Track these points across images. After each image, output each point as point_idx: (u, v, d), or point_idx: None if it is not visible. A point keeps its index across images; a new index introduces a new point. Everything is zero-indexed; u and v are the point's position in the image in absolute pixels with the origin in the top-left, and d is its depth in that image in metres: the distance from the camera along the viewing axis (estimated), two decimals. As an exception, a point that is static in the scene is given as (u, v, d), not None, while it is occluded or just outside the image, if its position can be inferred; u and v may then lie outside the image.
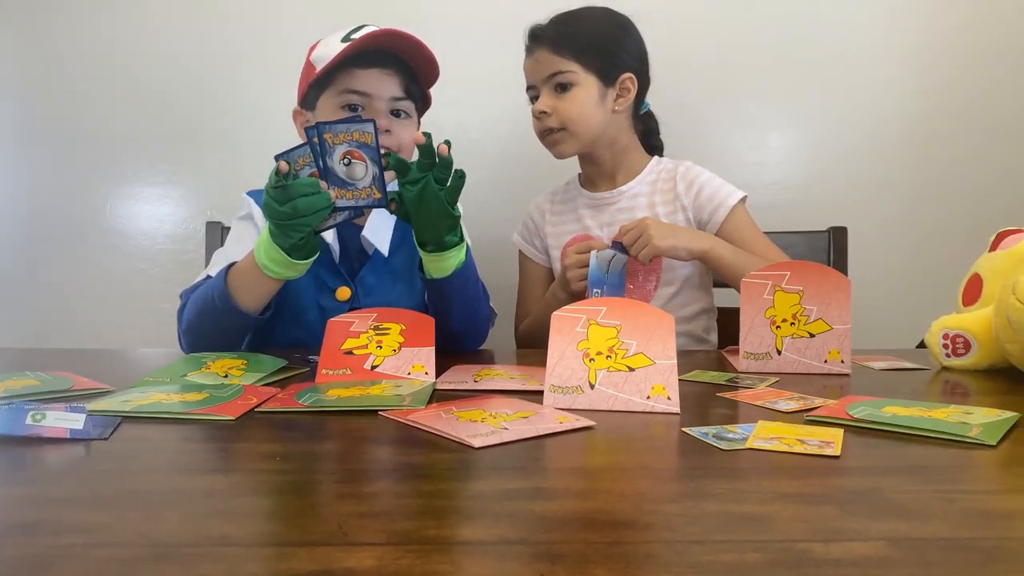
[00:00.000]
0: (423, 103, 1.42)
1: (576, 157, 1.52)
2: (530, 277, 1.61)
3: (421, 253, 1.19)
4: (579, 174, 1.59)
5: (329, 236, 1.35)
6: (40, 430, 0.71)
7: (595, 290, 1.32)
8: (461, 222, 1.19)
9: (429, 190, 1.10)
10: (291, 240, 1.10)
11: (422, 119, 1.44)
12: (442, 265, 1.19)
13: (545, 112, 1.42)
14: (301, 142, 1.09)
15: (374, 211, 1.38)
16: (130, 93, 1.91)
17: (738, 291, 1.20)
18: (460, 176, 1.12)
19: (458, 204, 1.15)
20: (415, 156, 1.12)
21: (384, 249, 1.38)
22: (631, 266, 1.39)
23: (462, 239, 1.20)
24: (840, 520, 0.51)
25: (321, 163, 1.08)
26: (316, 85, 1.35)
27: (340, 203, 1.10)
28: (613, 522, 0.51)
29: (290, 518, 0.52)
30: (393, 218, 1.43)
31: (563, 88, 1.41)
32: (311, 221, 1.09)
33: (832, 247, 1.68)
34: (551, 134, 1.44)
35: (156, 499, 0.57)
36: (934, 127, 1.91)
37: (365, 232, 1.37)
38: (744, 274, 1.20)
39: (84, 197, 1.93)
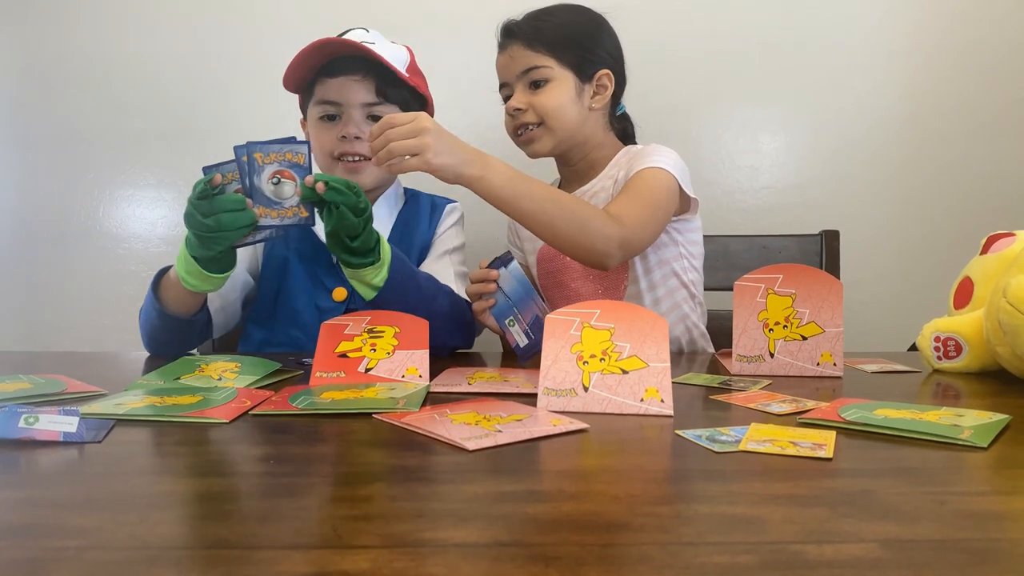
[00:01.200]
0: (416, 103, 1.39)
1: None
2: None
3: (344, 270, 1.17)
4: (557, 179, 1.56)
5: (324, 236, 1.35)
6: (33, 433, 0.71)
7: (506, 320, 1.16)
8: (381, 247, 1.15)
9: (336, 213, 1.08)
10: (209, 253, 1.10)
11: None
12: (368, 281, 1.16)
13: (520, 108, 1.38)
14: (230, 157, 1.08)
15: (373, 210, 1.37)
16: (123, 96, 1.91)
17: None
18: (365, 216, 1.10)
19: (371, 236, 1.12)
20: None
21: None
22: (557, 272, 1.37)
23: (373, 262, 1.15)
24: (832, 522, 0.51)
25: (247, 181, 1.07)
26: (304, 97, 1.39)
27: (265, 222, 1.09)
28: (607, 524, 0.52)
29: (284, 521, 0.52)
30: (391, 219, 1.43)
31: (538, 84, 1.38)
32: (232, 237, 1.09)
33: (824, 250, 1.69)
34: (526, 131, 1.40)
35: (150, 502, 0.57)
36: (925, 130, 1.92)
37: None
38: (518, 211, 1.13)
39: (77, 200, 1.92)
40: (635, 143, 1.52)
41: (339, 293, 1.35)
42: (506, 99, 1.44)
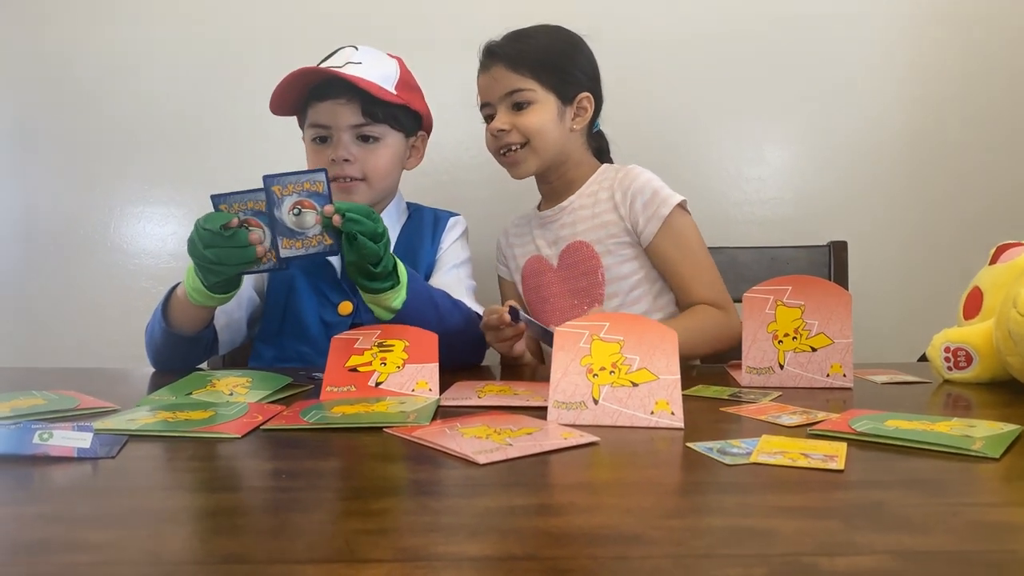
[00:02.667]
0: (411, 120, 1.41)
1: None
2: (506, 295, 1.61)
3: (362, 294, 1.19)
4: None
5: None
6: (47, 449, 0.71)
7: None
8: (398, 269, 1.17)
9: (355, 242, 1.08)
10: (208, 282, 1.13)
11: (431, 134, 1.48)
12: (383, 304, 1.17)
13: (504, 129, 1.39)
14: (242, 189, 1.10)
15: None
16: (134, 112, 1.92)
17: None
18: (383, 243, 1.11)
19: (389, 260, 1.14)
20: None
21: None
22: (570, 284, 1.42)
23: (396, 284, 1.16)
24: (845, 534, 0.51)
25: (270, 214, 1.08)
26: (300, 117, 1.42)
27: (290, 253, 1.09)
28: (619, 537, 0.52)
29: (297, 535, 0.52)
30: (395, 234, 1.44)
31: (520, 106, 1.40)
32: (229, 272, 1.11)
33: (832, 261, 1.69)
34: (510, 152, 1.41)
35: (163, 517, 0.57)
36: (934, 140, 1.92)
37: None
38: None
39: (88, 216, 1.94)
40: (610, 159, 1.55)
41: (345, 307, 1.36)
42: (487, 118, 1.46)
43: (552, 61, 1.41)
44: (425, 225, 1.49)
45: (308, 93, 1.36)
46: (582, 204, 1.46)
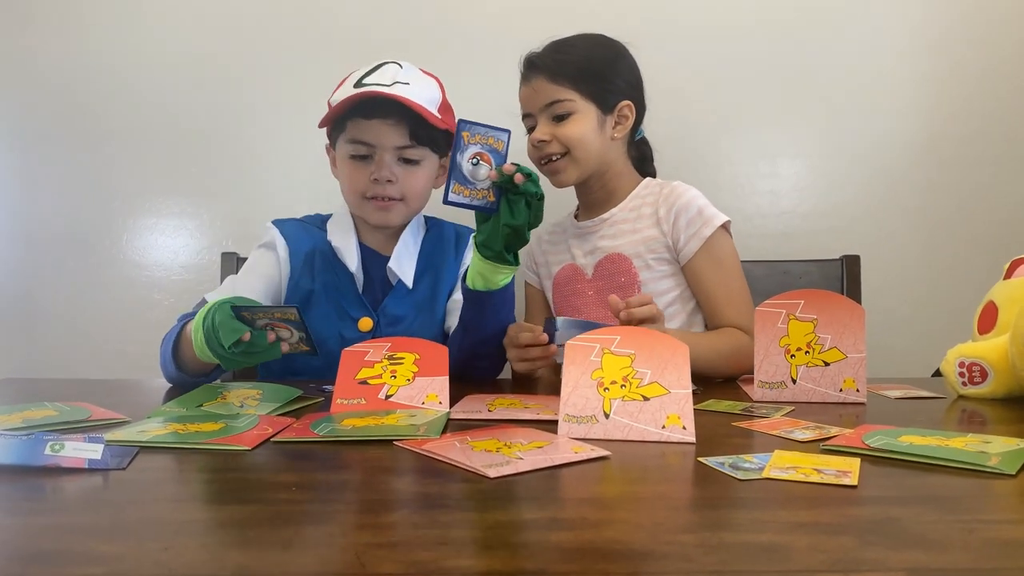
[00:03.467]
0: (445, 142, 1.40)
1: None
2: (532, 302, 1.62)
3: (479, 262, 1.21)
4: (578, 206, 1.58)
5: (353, 266, 1.38)
6: (59, 460, 0.71)
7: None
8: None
9: (521, 206, 1.16)
10: (229, 368, 1.14)
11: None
12: (493, 278, 1.22)
13: (544, 140, 1.40)
14: (488, 124, 1.16)
15: (400, 243, 1.41)
16: (148, 125, 1.94)
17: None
18: (540, 199, 1.18)
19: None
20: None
21: (408, 281, 1.40)
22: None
23: (515, 263, 1.22)
24: (859, 550, 0.51)
25: (454, 156, 1.15)
26: (334, 128, 1.40)
27: (456, 198, 1.15)
28: (630, 552, 0.51)
29: (307, 548, 0.52)
30: (417, 250, 1.43)
31: (561, 117, 1.40)
32: (254, 362, 1.13)
33: (846, 275, 1.68)
34: (551, 162, 1.42)
35: (174, 529, 0.57)
36: (948, 154, 1.91)
37: (391, 264, 1.39)
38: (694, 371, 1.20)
39: (102, 228, 1.95)
40: (653, 168, 1.56)
41: (365, 323, 1.37)
42: (529, 129, 1.47)
43: (592, 70, 1.42)
44: (447, 240, 1.49)
45: (351, 108, 1.33)
46: (624, 217, 1.47)
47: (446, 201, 1.15)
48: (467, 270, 1.26)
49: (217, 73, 1.94)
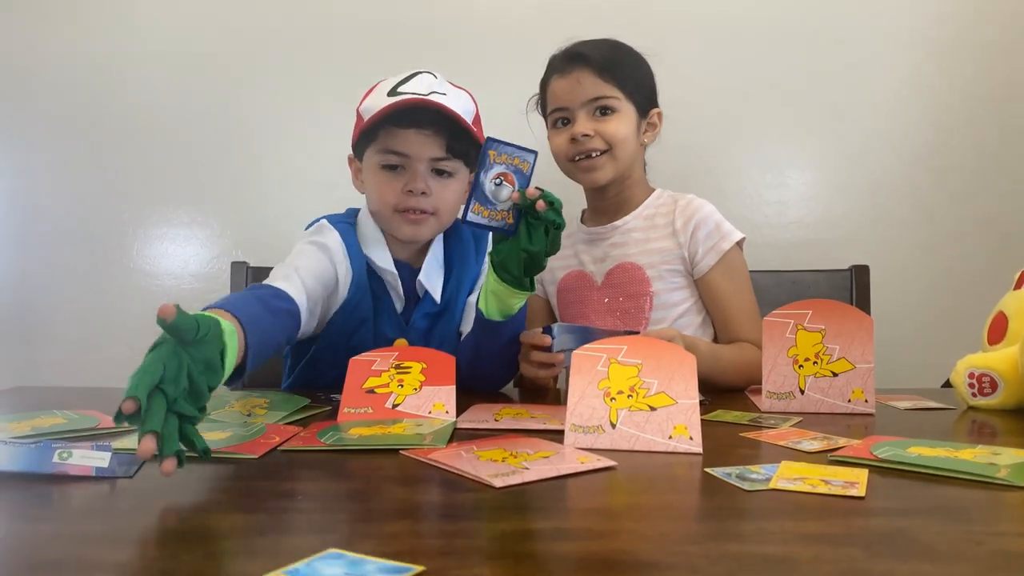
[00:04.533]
0: (475, 154, 1.34)
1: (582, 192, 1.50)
2: (530, 308, 1.59)
3: (495, 283, 1.18)
4: (583, 210, 1.57)
5: (398, 288, 1.34)
6: (66, 468, 0.72)
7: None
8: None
9: (540, 233, 1.12)
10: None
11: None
12: (508, 302, 1.19)
13: (588, 135, 1.38)
14: (515, 144, 1.13)
15: (430, 255, 1.38)
16: (158, 134, 1.95)
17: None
18: (559, 228, 1.14)
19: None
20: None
21: (437, 295, 1.37)
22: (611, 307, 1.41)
23: (531, 288, 1.19)
24: (866, 562, 0.50)
25: (478, 175, 1.12)
26: (363, 137, 1.34)
27: (475, 218, 1.12)
28: (636, 563, 0.51)
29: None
30: (440, 246, 1.41)
31: (604, 112, 1.38)
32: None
33: (854, 285, 1.67)
34: (588, 158, 1.39)
35: (180, 537, 0.57)
36: (957, 165, 1.91)
37: (421, 277, 1.36)
38: (711, 382, 1.23)
39: (113, 238, 1.96)
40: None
41: (400, 343, 1.34)
42: (558, 122, 1.44)
43: (635, 72, 1.42)
44: (467, 240, 1.45)
45: (385, 117, 1.28)
46: (636, 226, 1.46)
47: (464, 221, 1.12)
48: (480, 293, 1.23)
49: (227, 82, 1.95)
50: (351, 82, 1.41)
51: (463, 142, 1.32)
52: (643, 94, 1.43)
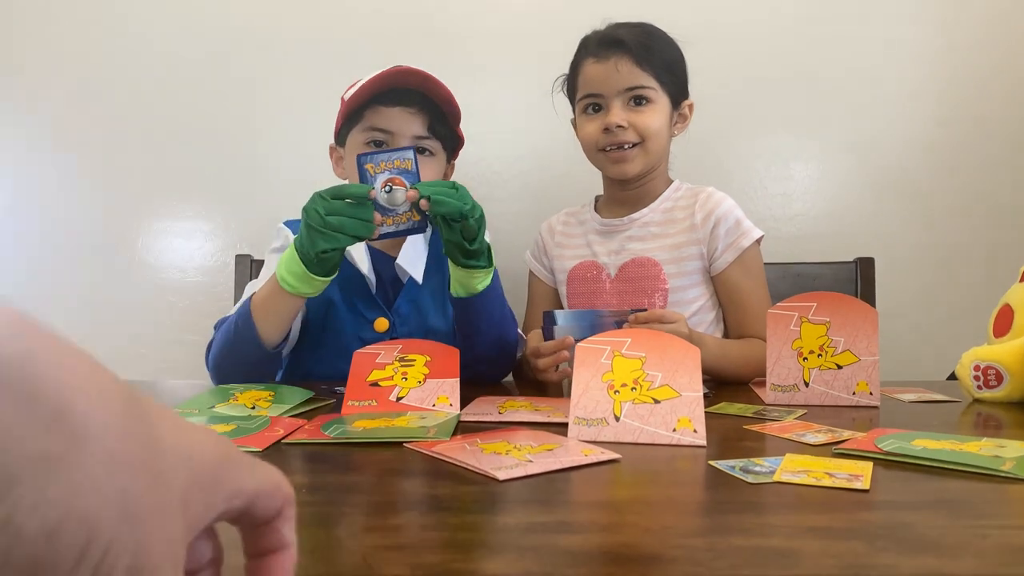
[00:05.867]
0: (453, 141, 1.42)
1: (594, 180, 1.50)
2: (536, 296, 1.59)
3: (453, 269, 1.21)
4: (596, 197, 1.56)
5: (364, 267, 1.37)
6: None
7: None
8: (491, 250, 1.21)
9: (445, 226, 1.13)
10: (317, 248, 1.08)
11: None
12: (470, 284, 1.21)
13: (622, 126, 1.35)
14: (388, 148, 1.16)
15: (408, 239, 1.39)
16: (161, 128, 1.95)
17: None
18: (476, 217, 1.13)
19: (484, 237, 1.17)
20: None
21: (418, 277, 1.39)
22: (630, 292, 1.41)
23: (487, 265, 1.20)
24: (870, 555, 0.50)
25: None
26: (347, 122, 1.38)
27: (383, 230, 1.11)
28: (639, 556, 0.51)
29: (315, 550, 0.52)
30: (426, 247, 1.44)
31: (639, 102, 1.36)
32: (345, 242, 1.09)
33: (859, 278, 1.67)
34: (620, 149, 1.37)
35: (184, 530, 0.57)
36: (963, 157, 1.90)
37: (399, 260, 1.38)
38: (717, 375, 1.24)
39: (116, 231, 1.96)
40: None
41: (380, 323, 1.36)
42: (590, 107, 1.41)
43: (671, 62, 1.39)
44: None
45: (372, 97, 1.33)
46: (654, 219, 1.45)
47: (371, 237, 1.11)
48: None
49: (230, 76, 1.95)
50: (354, 80, 1.41)
51: (444, 125, 1.37)
52: (677, 85, 1.40)
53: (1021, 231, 1.88)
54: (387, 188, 1.10)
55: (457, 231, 1.13)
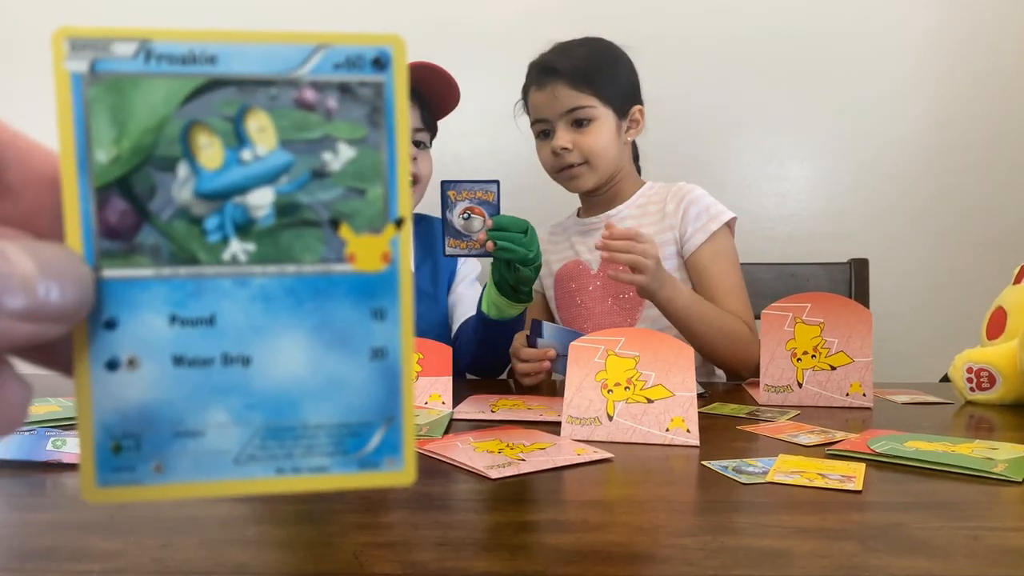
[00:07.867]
0: (431, 132, 1.49)
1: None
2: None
3: (494, 294, 1.26)
4: (578, 209, 1.59)
5: None
6: (60, 456, 0.71)
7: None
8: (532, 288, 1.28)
9: (504, 266, 1.21)
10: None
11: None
12: (506, 311, 1.27)
13: (567, 148, 1.39)
14: (472, 180, 1.21)
15: None
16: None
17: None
18: (535, 266, 1.21)
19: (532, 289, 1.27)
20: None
21: (410, 266, 1.39)
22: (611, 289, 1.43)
23: (528, 300, 1.27)
24: (861, 556, 0.50)
25: (444, 215, 1.18)
26: None
27: (452, 251, 1.18)
28: (631, 556, 0.51)
29: (306, 547, 0.52)
30: (413, 240, 1.45)
31: (581, 123, 1.39)
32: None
33: (853, 279, 1.67)
34: (569, 169, 1.41)
35: (172, 526, 0.57)
36: (957, 159, 1.90)
37: None
38: (689, 330, 1.25)
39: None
40: (638, 166, 1.57)
41: None
42: (540, 134, 1.45)
43: (609, 76, 1.41)
44: (436, 233, 1.50)
45: None
46: (630, 215, 1.48)
47: (444, 255, 1.19)
48: (483, 294, 1.30)
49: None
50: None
51: (431, 116, 1.45)
52: (621, 96, 1.42)
53: (1015, 233, 1.88)
54: (465, 215, 1.17)
55: (512, 273, 1.19)
